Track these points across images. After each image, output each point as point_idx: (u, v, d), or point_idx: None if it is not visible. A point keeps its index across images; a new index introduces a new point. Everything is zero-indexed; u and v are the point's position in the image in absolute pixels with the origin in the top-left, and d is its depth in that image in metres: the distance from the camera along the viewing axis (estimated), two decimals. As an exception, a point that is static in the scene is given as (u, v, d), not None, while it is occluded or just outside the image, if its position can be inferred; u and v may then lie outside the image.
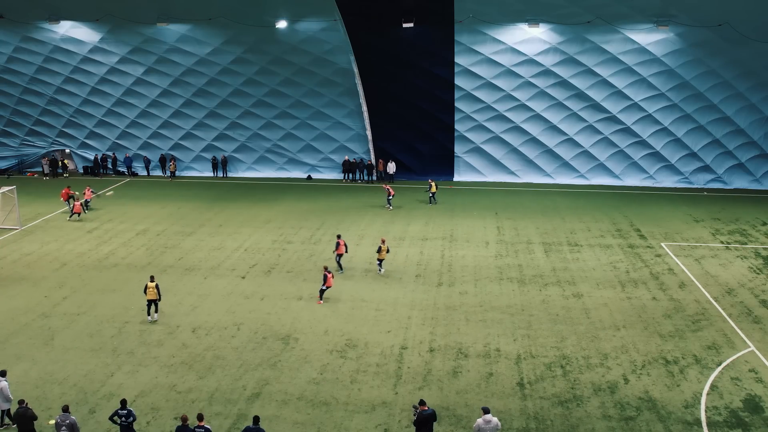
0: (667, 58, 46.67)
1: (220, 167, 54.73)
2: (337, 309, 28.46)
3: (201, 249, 36.35)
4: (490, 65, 48.28)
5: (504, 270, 33.27)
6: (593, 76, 48.18)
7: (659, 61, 46.90)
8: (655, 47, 46.25)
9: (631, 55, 46.88)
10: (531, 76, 48.54)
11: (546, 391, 22.03)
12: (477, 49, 47.44)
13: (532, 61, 47.76)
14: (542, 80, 48.67)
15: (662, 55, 46.56)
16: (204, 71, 50.35)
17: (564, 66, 47.87)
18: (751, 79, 47.02)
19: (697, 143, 50.39)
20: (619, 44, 46.44)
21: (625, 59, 47.08)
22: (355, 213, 43.27)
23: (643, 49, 46.43)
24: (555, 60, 47.63)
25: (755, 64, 45.99)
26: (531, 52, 47.34)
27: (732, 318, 27.77)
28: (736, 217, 43.16)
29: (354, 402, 21.33)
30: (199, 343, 25.34)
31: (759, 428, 19.95)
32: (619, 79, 48.09)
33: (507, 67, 48.21)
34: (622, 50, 46.69)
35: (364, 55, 47.88)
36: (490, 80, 48.89)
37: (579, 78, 48.33)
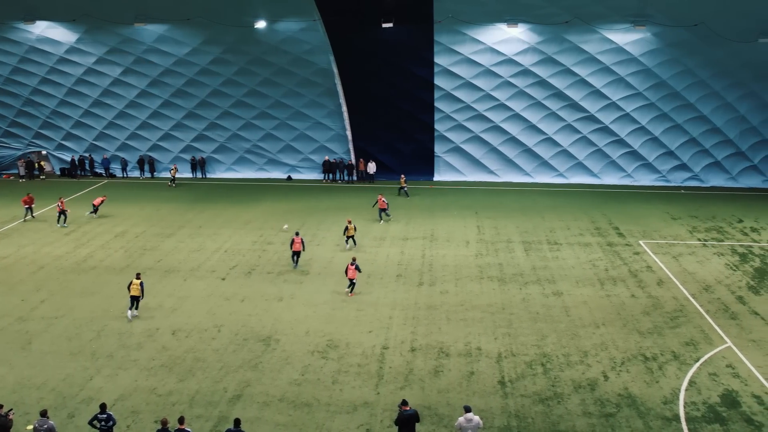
0: (644, 58, 47.13)
1: (198, 168, 54.38)
2: (318, 310, 28.40)
3: (180, 251, 36.11)
4: (470, 65, 48.45)
5: (484, 269, 33.40)
6: (571, 76, 48.53)
7: (636, 61, 47.35)
8: (632, 47, 46.69)
9: (609, 54, 47.29)
10: (510, 76, 48.77)
11: (527, 389, 22.15)
12: (456, 49, 47.58)
13: (511, 60, 48.00)
14: (521, 80, 48.93)
15: (639, 55, 47.01)
16: (182, 72, 50.03)
17: (542, 66, 48.17)
18: (727, 79, 47.63)
19: (673, 142, 50.94)
20: (596, 44, 46.83)
21: (602, 59, 47.47)
22: (336, 213, 43.19)
23: (620, 49, 46.85)
24: (534, 60, 47.91)
25: (730, 64, 46.58)
26: (510, 52, 47.58)
27: (709, 314, 28.10)
28: (712, 214, 43.68)
29: (336, 402, 21.31)
30: (179, 345, 25.17)
31: (736, 423, 20.22)
32: (597, 78, 48.49)
33: (486, 67, 48.41)
34: (600, 50, 47.08)
35: (343, 55, 47.83)
36: (470, 80, 49.05)
37: (557, 77, 48.65)
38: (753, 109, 48.99)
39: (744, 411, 20.89)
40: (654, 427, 19.91)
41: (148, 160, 54.51)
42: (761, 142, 50.48)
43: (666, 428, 19.91)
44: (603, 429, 19.93)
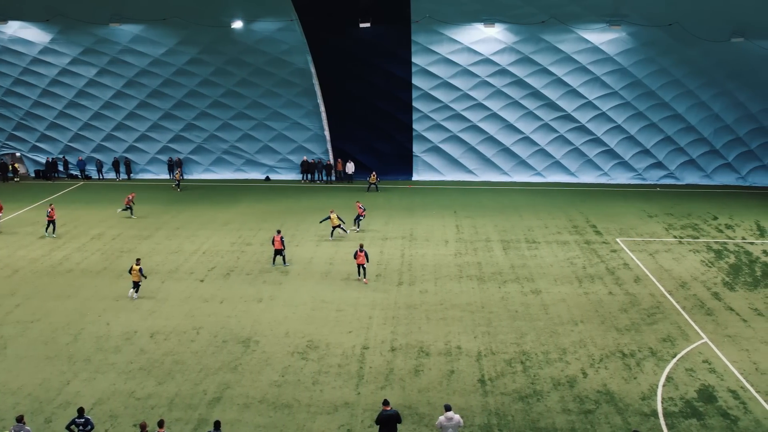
0: (619, 57, 47.58)
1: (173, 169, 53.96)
2: (298, 311, 28.32)
3: (158, 252, 35.82)
4: (447, 65, 48.59)
5: (463, 268, 33.51)
6: (548, 75, 48.86)
7: (612, 60, 47.79)
8: (607, 46, 47.11)
9: (585, 54, 47.69)
10: (487, 76, 48.99)
11: (507, 387, 22.25)
12: (434, 48, 47.70)
13: (488, 60, 48.21)
14: (498, 79, 49.17)
15: (615, 54, 47.46)
16: (158, 72, 49.62)
17: (519, 65, 48.45)
18: (701, 78, 48.24)
19: (649, 140, 51.49)
20: (572, 44, 47.20)
21: (578, 58, 47.86)
22: (315, 214, 43.07)
23: (596, 49, 47.26)
24: (511, 59, 48.16)
25: (704, 63, 47.18)
26: (487, 51, 47.79)
27: (686, 311, 28.43)
28: (688, 212, 44.20)
29: (316, 403, 21.26)
30: (157, 348, 24.97)
31: (713, 417, 20.47)
32: (573, 77, 48.88)
33: (464, 67, 48.59)
34: (576, 49, 47.46)
35: (321, 55, 47.75)
36: (447, 80, 49.20)
37: (534, 77, 48.96)
38: (726, 108, 49.67)
39: (720, 405, 21.16)
40: (632, 423, 20.10)
41: (124, 161, 54.00)
42: (735, 140, 51.20)
43: (644, 424, 20.11)
44: (582, 425, 20.08)
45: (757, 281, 31.97)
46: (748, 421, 20.30)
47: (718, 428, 19.93)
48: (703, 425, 20.08)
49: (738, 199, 47.74)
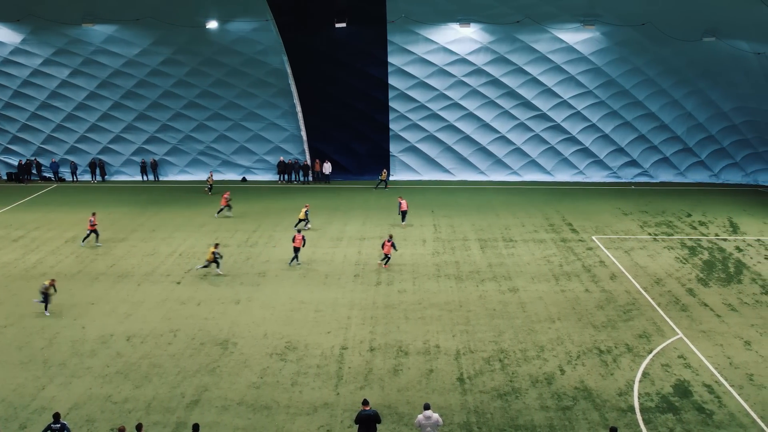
0: (593, 57, 48.03)
1: (149, 171, 53.45)
2: (276, 312, 28.22)
3: (134, 255, 35.48)
4: (423, 65, 48.70)
5: (441, 267, 33.60)
6: (523, 75, 49.17)
7: (586, 60, 48.22)
8: (582, 46, 47.53)
9: (560, 53, 48.07)
10: (463, 75, 49.18)
11: (485, 385, 22.36)
12: (410, 48, 47.78)
13: (464, 60, 48.41)
14: (474, 79, 49.38)
15: (589, 54, 47.89)
16: (132, 73, 49.12)
17: (495, 65, 48.71)
18: (674, 77, 48.84)
19: (624, 139, 52.02)
20: (547, 43, 47.55)
21: (553, 58, 48.22)
22: (292, 214, 42.90)
23: (570, 48, 47.65)
24: (486, 59, 48.40)
25: (677, 62, 47.77)
26: (463, 51, 47.98)
27: (661, 307, 28.77)
28: (662, 209, 44.73)
29: (295, 404, 21.20)
30: (134, 351, 24.74)
31: (688, 412, 20.74)
32: (548, 77, 49.23)
33: (439, 67, 48.73)
34: (551, 49, 47.82)
35: (297, 55, 47.59)
36: (423, 79, 49.31)
37: (510, 76, 49.24)
38: (699, 106, 50.32)
39: (695, 400, 21.45)
40: (610, 419, 20.30)
41: (99, 163, 53.39)
42: (707, 138, 51.88)
43: (621, 419, 20.32)
44: (560, 422, 20.24)
45: (730, 277, 32.44)
46: (722, 415, 20.60)
47: (693, 422, 20.20)
48: (679, 420, 20.34)
49: (711, 197, 48.42)
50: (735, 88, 48.65)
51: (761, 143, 51.54)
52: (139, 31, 46.51)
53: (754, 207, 45.55)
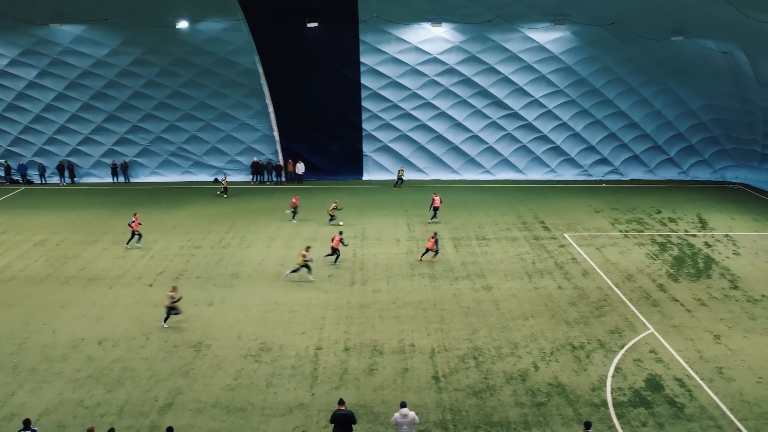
0: (564, 56, 48.46)
1: (120, 172, 52.80)
2: (250, 313, 28.06)
3: (104, 258, 35.04)
4: (395, 64, 48.76)
5: (415, 266, 33.67)
6: (495, 74, 49.45)
7: (557, 59, 48.63)
8: (552, 45, 47.92)
9: (531, 53, 48.42)
10: (435, 75, 49.33)
11: (460, 383, 22.45)
12: (382, 48, 47.81)
13: (436, 59, 48.55)
14: (446, 78, 49.55)
15: (560, 53, 48.31)
16: (102, 73, 48.48)
17: (467, 64, 48.92)
18: (643, 75, 49.47)
19: (594, 137, 52.56)
20: (518, 43, 47.87)
21: (524, 57, 48.56)
22: (265, 215, 42.75)
23: (541, 47, 48.02)
24: (458, 58, 48.59)
25: (646, 61, 48.39)
26: (434, 51, 48.12)
27: (632, 303, 29.12)
28: (632, 206, 45.28)
29: (270, 406, 21.10)
30: (106, 355, 24.43)
31: (660, 405, 21.02)
32: (520, 76, 49.57)
33: (412, 66, 48.82)
34: (522, 48, 48.15)
35: (268, 55, 47.38)
36: (396, 79, 49.36)
37: (481, 76, 49.49)
38: (668, 105, 51.05)
39: (667, 394, 21.75)
40: (583, 414, 20.50)
41: (68, 165, 52.64)
42: (676, 136, 52.64)
43: (595, 414, 20.53)
44: (535, 418, 20.40)
45: (699, 272, 32.94)
46: (693, 408, 20.91)
47: (665, 416, 20.48)
48: (651, 413, 20.60)
49: (680, 193, 49.12)
50: (702, 87, 49.44)
51: (728, 140, 52.43)
52: (108, 31, 45.94)
53: (722, 203, 46.32)
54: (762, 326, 26.88)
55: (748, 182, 52.73)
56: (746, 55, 43.99)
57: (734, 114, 50.24)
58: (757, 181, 52.17)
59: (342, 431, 18.34)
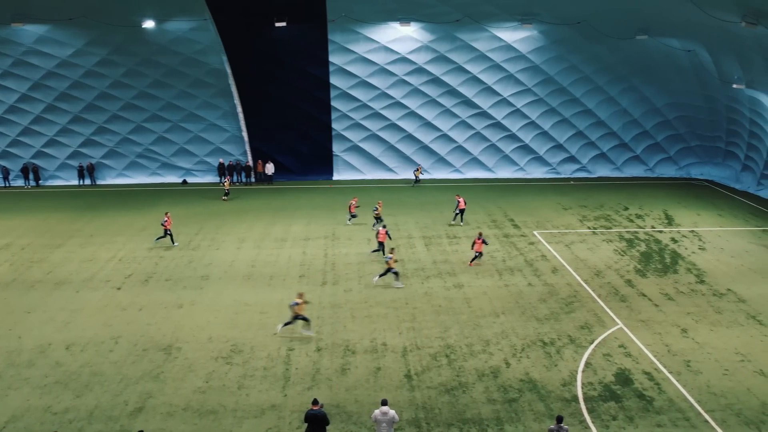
0: (532, 55, 48.88)
1: (86, 175, 52.02)
2: (220, 315, 27.82)
3: (71, 261, 34.49)
4: (364, 64, 48.76)
5: (387, 265, 33.65)
6: (464, 73, 49.72)
7: (525, 58, 49.04)
8: (520, 44, 48.31)
9: (499, 52, 48.76)
10: (404, 74, 49.45)
11: (433, 381, 22.50)
12: (350, 47, 47.77)
13: (405, 59, 48.66)
14: (415, 78, 49.69)
15: (527, 52, 48.72)
16: (66, 74, 47.74)
17: (436, 64, 49.12)
18: (609, 74, 50.12)
19: (562, 135, 53.13)
20: (486, 42, 48.18)
21: (493, 56, 48.89)
22: (235, 216, 42.45)
23: (509, 47, 48.38)
24: (427, 58, 48.76)
25: (612, 60, 49.04)
26: (403, 50, 48.22)
27: (601, 298, 29.46)
28: (600, 203, 45.82)
29: (242, 408, 20.94)
30: (74, 360, 24.04)
31: (630, 399, 21.29)
32: (488, 75, 49.91)
33: (381, 66, 48.87)
34: (490, 48, 48.47)
35: (237, 54, 47.07)
36: (365, 78, 49.37)
37: (450, 75, 49.73)
38: (634, 103, 51.78)
39: (636, 387, 22.03)
40: (555, 409, 20.67)
41: (32, 168, 51.70)
42: (642, 134, 53.44)
43: (566, 409, 20.71)
44: (507, 414, 20.52)
45: (666, 267, 33.44)
46: (662, 401, 21.21)
47: (635, 409, 20.74)
48: (621, 407, 20.85)
49: (646, 190, 49.85)
50: (667, 85, 50.25)
51: (693, 138, 53.34)
52: (73, 31, 45.27)
53: (687, 199, 47.11)
54: (728, 319, 27.39)
55: (713, 178, 53.70)
56: (709, 54, 44.80)
57: (698, 111, 51.15)
58: (721, 178, 53.16)
59: (315, 431, 18.28)
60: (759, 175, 48.47)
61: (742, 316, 27.70)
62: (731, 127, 49.92)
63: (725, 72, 44.83)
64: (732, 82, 44.21)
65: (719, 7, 36.32)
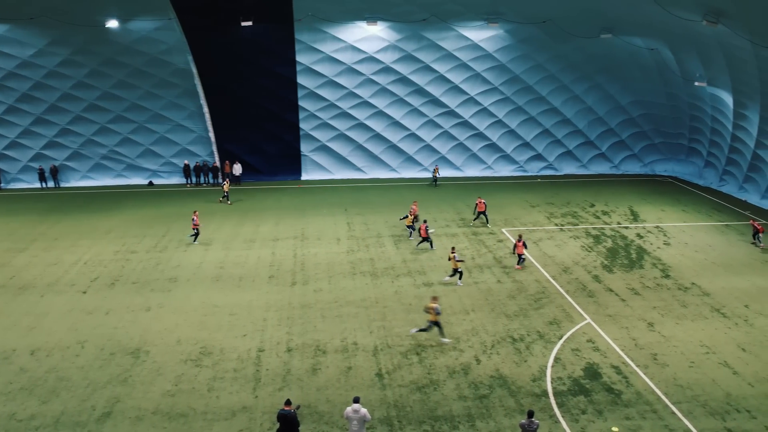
0: (498, 54, 49.20)
1: (49, 177, 51.04)
2: (189, 317, 27.54)
3: (35, 265, 33.85)
4: (332, 63, 48.63)
5: (356, 265, 33.65)
6: (431, 72, 49.87)
7: (491, 57, 49.34)
8: (486, 43, 48.59)
9: (466, 51, 49.00)
10: (372, 74, 49.42)
11: (404, 379, 22.54)
12: (318, 47, 47.61)
13: (372, 58, 48.64)
14: (383, 77, 49.70)
15: (494, 51, 49.03)
16: (28, 75, 46.77)
17: (403, 63, 49.17)
18: (575, 72, 50.67)
19: (529, 133, 53.56)
20: (453, 41, 48.38)
21: (459, 55, 49.10)
22: (202, 217, 42.00)
23: (476, 46, 48.64)
24: (394, 57, 48.79)
25: (577, 58, 49.57)
26: (371, 49, 48.19)
27: (569, 294, 29.78)
28: (567, 200, 46.32)
29: (213, 410, 20.76)
30: (39, 366, 23.60)
31: (599, 393, 21.56)
32: (456, 74, 50.12)
33: (348, 65, 48.77)
34: (457, 47, 48.68)
35: (202, 54, 46.59)
36: (333, 78, 49.24)
37: (418, 74, 49.84)
38: (599, 101, 52.42)
39: (605, 381, 22.31)
40: (525, 404, 20.84)
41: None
42: (607, 131, 54.11)
43: (536, 404, 20.90)
44: (478, 410, 20.64)
45: (632, 263, 33.92)
46: (630, 394, 21.51)
47: (603, 403, 21.01)
48: (590, 401, 21.11)
49: (612, 187, 50.51)
50: (631, 83, 50.95)
51: (657, 135, 54.17)
52: (34, 30, 44.39)
53: (652, 195, 47.85)
54: (693, 313, 27.87)
55: (676, 175, 54.61)
56: (672, 52, 45.52)
57: (662, 109, 51.96)
58: (684, 174, 54.09)
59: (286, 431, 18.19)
60: (721, 171, 49.42)
61: (706, 309, 28.23)
62: (694, 124, 50.81)
63: (687, 70, 45.62)
64: (694, 80, 45.03)
65: (681, 7, 36.94)
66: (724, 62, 40.79)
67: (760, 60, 37.30)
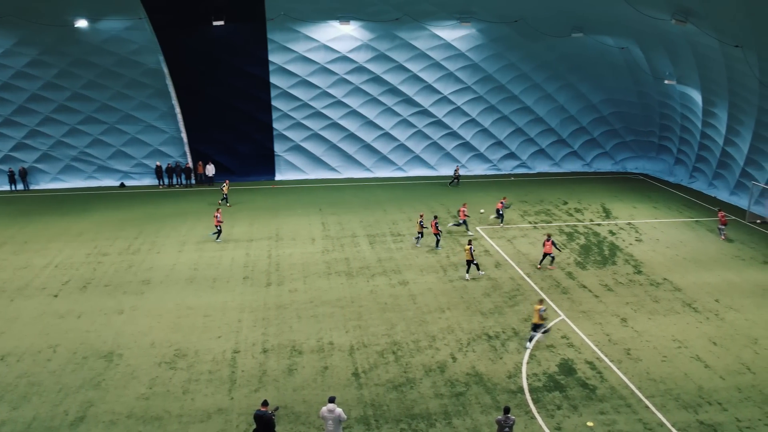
0: (470, 53, 49.41)
1: (19, 180, 50.23)
2: (163, 319, 27.26)
3: (4, 269, 33.28)
4: (305, 63, 48.46)
5: (332, 264, 33.58)
6: (404, 72, 49.93)
7: (464, 56, 49.54)
8: (459, 43, 48.77)
9: (438, 50, 49.13)
10: (345, 73, 49.34)
11: (380, 378, 22.53)
12: (290, 46, 47.42)
13: (346, 58, 48.57)
14: (356, 77, 49.65)
15: (466, 50, 49.23)
16: (-6, 76, 46.07)
17: (376, 62, 49.17)
18: (546, 71, 51.07)
19: (502, 132, 53.87)
20: (426, 40, 48.49)
21: (432, 55, 49.23)
22: (175, 219, 41.65)
23: (448, 45, 48.80)
24: (367, 57, 48.76)
25: (548, 57, 49.96)
26: (344, 49, 48.11)
27: (543, 291, 29.99)
28: (540, 198, 46.66)
29: (188, 413, 20.57)
30: (9, 371, 23.20)
31: (573, 388, 21.74)
32: (429, 73, 50.24)
33: (321, 65, 48.65)
34: (430, 46, 48.80)
35: (174, 54, 46.15)
36: (306, 78, 49.08)
37: (391, 74, 49.86)
38: (570, 99, 52.90)
39: (579, 377, 22.51)
40: (501, 401, 20.95)
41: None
42: (579, 130, 54.63)
43: (512, 400, 21.02)
44: (455, 408, 20.70)
45: (605, 259, 34.27)
46: (604, 389, 21.73)
47: (578, 398, 21.19)
48: (566, 396, 21.28)
49: (584, 185, 51.01)
50: (602, 81, 51.50)
51: (628, 133, 54.81)
52: (0, 30, 43.62)
53: (623, 193, 48.39)
54: (664, 308, 28.23)
55: (647, 172, 55.31)
56: (642, 51, 46.07)
57: (632, 107, 52.58)
58: (655, 171, 54.80)
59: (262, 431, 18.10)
60: (691, 168, 50.14)
61: (678, 304, 28.61)
62: (664, 122, 51.51)
63: (657, 68, 46.22)
64: (663, 78, 45.63)
65: (651, 6, 37.39)
66: (693, 61, 41.40)
67: (728, 58, 37.92)
